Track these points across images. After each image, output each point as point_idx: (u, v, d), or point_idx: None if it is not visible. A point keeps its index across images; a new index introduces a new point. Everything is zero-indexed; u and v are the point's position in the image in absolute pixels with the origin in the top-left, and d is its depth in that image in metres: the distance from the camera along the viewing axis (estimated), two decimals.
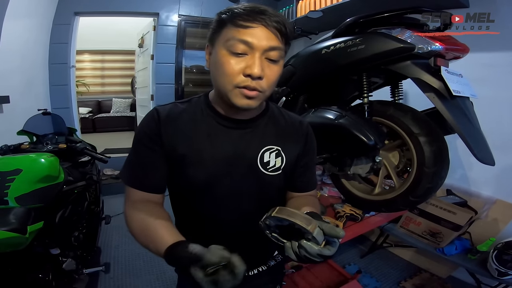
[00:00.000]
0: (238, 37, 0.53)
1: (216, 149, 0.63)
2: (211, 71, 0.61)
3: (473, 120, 0.95)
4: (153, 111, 0.64)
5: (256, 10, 0.54)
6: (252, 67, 0.54)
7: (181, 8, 3.14)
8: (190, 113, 0.65)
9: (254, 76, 0.54)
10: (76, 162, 1.64)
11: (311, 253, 0.46)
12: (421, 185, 1.02)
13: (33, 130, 1.54)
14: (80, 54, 5.42)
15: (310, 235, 0.45)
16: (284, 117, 0.72)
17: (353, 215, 1.21)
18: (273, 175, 0.67)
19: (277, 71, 0.58)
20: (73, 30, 2.90)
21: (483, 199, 1.70)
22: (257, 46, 0.54)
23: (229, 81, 0.56)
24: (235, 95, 0.57)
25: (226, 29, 0.55)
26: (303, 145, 0.71)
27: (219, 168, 0.63)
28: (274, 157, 0.66)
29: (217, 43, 0.57)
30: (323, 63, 1.16)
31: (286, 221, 0.47)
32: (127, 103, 6.17)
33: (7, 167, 1.06)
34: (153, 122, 0.63)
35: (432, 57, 0.95)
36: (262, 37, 0.53)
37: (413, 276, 1.83)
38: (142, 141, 0.63)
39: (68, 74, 2.93)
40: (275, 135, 0.68)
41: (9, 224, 0.91)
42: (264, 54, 0.55)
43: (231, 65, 0.54)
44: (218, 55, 0.56)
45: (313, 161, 0.77)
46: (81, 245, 1.46)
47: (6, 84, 1.92)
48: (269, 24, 0.53)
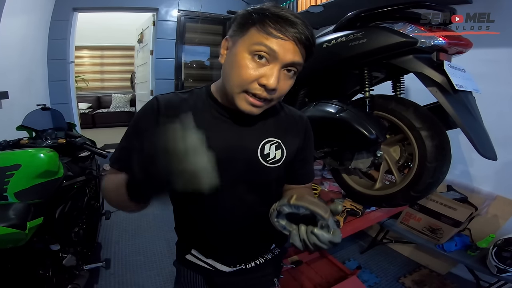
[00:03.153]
0: (267, 43, 0.52)
1: (217, 140, 0.62)
2: (224, 67, 0.59)
3: (475, 114, 0.94)
4: (153, 100, 0.64)
5: (289, 21, 0.52)
6: (269, 78, 0.53)
7: (181, 3, 3.11)
8: (191, 103, 0.65)
9: (269, 87, 0.53)
10: (76, 157, 1.63)
11: (322, 241, 0.47)
12: (422, 180, 1.01)
13: (32, 125, 1.53)
14: (79, 50, 5.40)
15: (325, 222, 0.47)
16: (284, 111, 0.72)
17: (354, 210, 1.21)
18: (273, 167, 0.66)
19: (289, 85, 0.58)
20: (71, 26, 2.88)
21: (484, 195, 1.70)
22: (281, 58, 0.53)
23: (240, 84, 0.55)
24: (241, 99, 0.56)
25: (253, 31, 0.53)
26: (303, 139, 0.71)
27: (220, 159, 0.62)
28: (274, 149, 0.66)
29: (239, 42, 0.55)
30: (325, 57, 1.15)
31: (305, 208, 0.48)
32: (126, 98, 6.16)
33: (6, 162, 1.06)
34: (150, 110, 0.63)
35: (435, 52, 0.94)
36: (289, 50, 0.52)
37: (413, 272, 1.84)
38: (136, 127, 0.63)
39: (67, 70, 2.93)
40: (275, 127, 0.68)
41: (9, 220, 0.91)
42: (284, 67, 0.54)
43: (249, 70, 0.53)
44: (238, 56, 0.54)
45: (311, 155, 0.78)
46: (81, 240, 1.46)
47: (5, 80, 1.91)
48: (299, 40, 0.52)
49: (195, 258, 0.76)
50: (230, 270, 0.75)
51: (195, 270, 0.77)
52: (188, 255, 0.77)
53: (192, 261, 0.76)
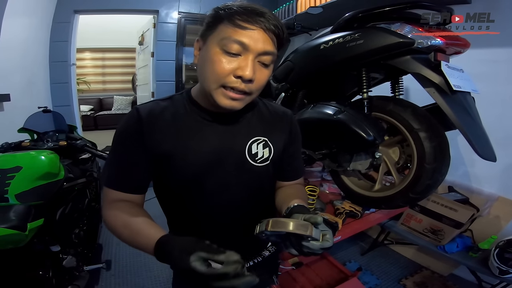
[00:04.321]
0: (235, 37, 0.52)
1: (202, 144, 0.62)
2: (198, 67, 0.59)
3: (474, 115, 0.94)
4: (133, 111, 0.62)
5: (256, 12, 0.53)
6: (244, 69, 0.53)
7: (181, 5, 3.13)
8: (172, 110, 0.64)
9: (245, 78, 0.53)
10: (77, 159, 1.64)
11: (314, 250, 0.49)
12: (421, 182, 1.00)
13: (33, 127, 1.55)
14: (81, 52, 5.45)
15: (309, 237, 0.48)
16: (267, 108, 0.72)
17: (353, 212, 1.21)
18: (262, 166, 0.67)
19: (267, 75, 0.58)
20: (73, 28, 2.91)
21: (485, 196, 1.69)
22: (253, 48, 0.53)
23: (216, 79, 0.54)
24: (219, 95, 0.56)
25: (222, 26, 0.54)
26: (289, 134, 0.72)
27: (207, 163, 0.62)
28: (261, 148, 0.66)
29: (210, 39, 0.55)
30: (322, 58, 1.15)
31: (283, 232, 0.49)
32: (128, 100, 6.19)
33: (7, 164, 1.07)
34: (133, 121, 0.61)
35: (432, 52, 0.94)
36: (258, 40, 0.53)
37: (414, 273, 1.83)
38: (122, 141, 0.62)
39: (69, 72, 2.94)
40: (261, 126, 0.68)
41: (9, 221, 0.92)
42: (257, 58, 0.54)
43: (222, 64, 0.53)
44: (210, 52, 0.54)
45: (299, 149, 0.78)
46: (82, 242, 1.47)
47: (6, 82, 1.93)
48: (267, 28, 0.53)
49: None
50: None
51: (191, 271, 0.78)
52: None
53: None
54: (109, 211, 0.60)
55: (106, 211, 0.61)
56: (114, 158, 0.64)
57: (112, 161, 0.64)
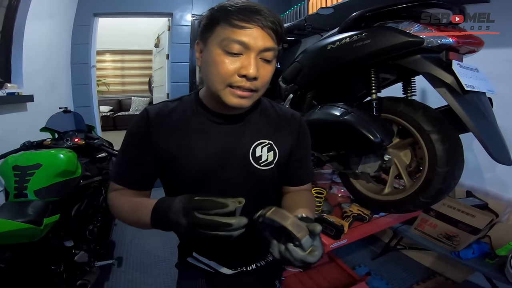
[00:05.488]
0: (234, 37, 0.53)
1: (208, 145, 0.63)
2: (202, 69, 0.61)
3: (489, 116, 0.89)
4: (143, 111, 0.65)
5: (252, 10, 0.53)
6: (247, 67, 0.54)
7: (194, 7, 3.17)
8: (180, 111, 0.66)
9: (249, 76, 0.54)
10: (94, 158, 1.71)
11: (295, 258, 0.47)
12: (432, 186, 0.97)
13: (54, 127, 1.63)
14: (101, 54, 5.69)
15: (298, 241, 0.47)
16: (276, 111, 0.71)
17: (361, 215, 1.18)
18: (265, 169, 0.66)
19: (271, 70, 0.58)
20: (93, 31, 3.01)
21: (506, 201, 1.60)
22: (253, 46, 0.53)
23: (222, 80, 0.55)
24: (227, 94, 0.57)
25: (220, 28, 0.54)
26: (297, 138, 0.71)
27: (211, 164, 0.63)
28: (266, 151, 0.66)
29: (210, 42, 0.56)
30: (329, 59, 1.14)
31: (278, 223, 0.48)
32: (145, 101, 6.38)
33: (29, 161, 1.13)
34: (142, 122, 0.64)
35: (444, 51, 0.90)
36: (258, 37, 0.53)
37: (427, 279, 1.76)
38: (130, 141, 0.64)
39: (89, 74, 3.06)
40: (267, 129, 0.68)
41: (26, 216, 0.96)
42: (259, 55, 0.55)
43: (225, 65, 0.54)
44: (212, 54, 0.55)
45: (307, 154, 0.76)
46: (95, 238, 1.52)
47: (31, 84, 2.04)
48: (265, 25, 0.53)
49: (196, 261, 0.77)
50: (231, 273, 0.76)
51: (196, 272, 0.79)
52: (189, 258, 0.78)
53: (193, 263, 0.78)
54: (114, 194, 0.65)
55: (111, 195, 0.65)
56: (122, 156, 0.67)
57: (120, 159, 0.68)
